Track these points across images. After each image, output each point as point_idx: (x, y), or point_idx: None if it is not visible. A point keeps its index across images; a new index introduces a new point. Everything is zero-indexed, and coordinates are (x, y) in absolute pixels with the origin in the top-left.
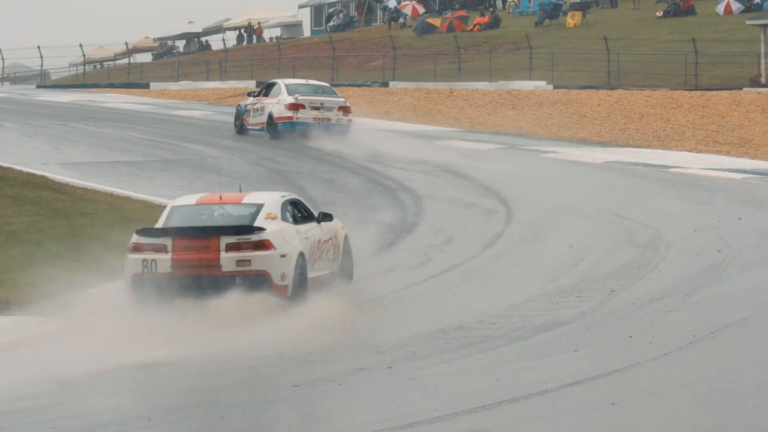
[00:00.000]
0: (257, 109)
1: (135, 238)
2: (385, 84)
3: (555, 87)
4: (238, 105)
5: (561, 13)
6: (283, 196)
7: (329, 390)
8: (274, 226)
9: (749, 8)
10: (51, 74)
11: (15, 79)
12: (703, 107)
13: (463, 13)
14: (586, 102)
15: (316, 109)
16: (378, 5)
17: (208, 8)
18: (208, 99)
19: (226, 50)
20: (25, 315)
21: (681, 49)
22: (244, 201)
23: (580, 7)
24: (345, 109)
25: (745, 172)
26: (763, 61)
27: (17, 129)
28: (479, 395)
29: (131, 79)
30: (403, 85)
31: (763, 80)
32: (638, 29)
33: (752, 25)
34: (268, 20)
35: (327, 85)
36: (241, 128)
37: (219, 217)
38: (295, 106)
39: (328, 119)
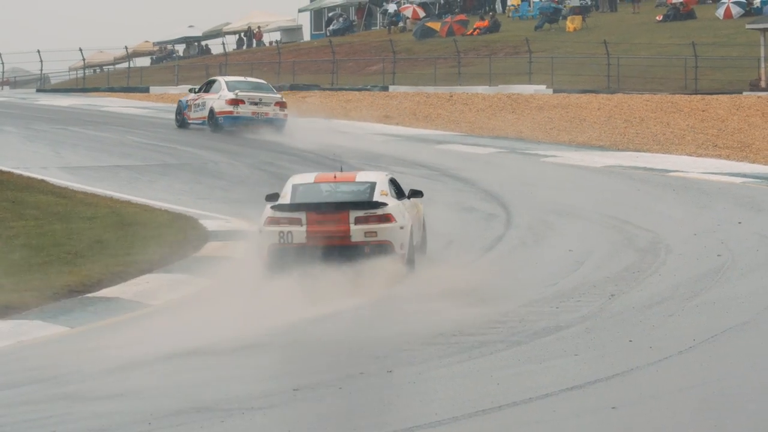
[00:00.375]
0: (198, 105)
1: (270, 213)
2: (385, 88)
3: (555, 91)
4: (179, 101)
5: (561, 17)
6: (387, 175)
7: (329, 394)
8: (392, 202)
9: (749, 12)
10: (51, 78)
11: (15, 83)
12: (703, 111)
13: (462, 17)
14: (585, 106)
15: (255, 104)
16: (378, 9)
17: (208, 12)
18: None
19: (225, 54)
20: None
21: (681, 53)
22: (357, 179)
23: (580, 11)
24: (281, 105)
25: (744, 176)
26: (763, 65)
27: (17, 133)
28: (479, 399)
29: (131, 83)
30: (402, 89)
31: (763, 84)
32: (638, 33)
33: (752, 29)
34: (268, 24)
35: (264, 82)
36: (182, 123)
37: (340, 193)
38: (235, 101)
39: (266, 114)
